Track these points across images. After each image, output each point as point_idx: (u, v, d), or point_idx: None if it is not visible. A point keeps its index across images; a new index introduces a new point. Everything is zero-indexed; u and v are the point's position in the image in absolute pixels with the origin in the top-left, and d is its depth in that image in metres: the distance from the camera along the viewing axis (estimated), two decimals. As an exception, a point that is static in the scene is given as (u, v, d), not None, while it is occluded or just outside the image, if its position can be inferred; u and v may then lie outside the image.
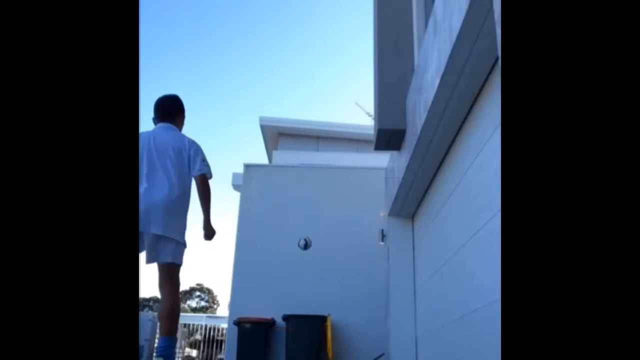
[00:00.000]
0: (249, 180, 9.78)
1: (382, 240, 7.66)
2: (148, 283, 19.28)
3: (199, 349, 13.33)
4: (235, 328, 8.30)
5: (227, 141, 66.61)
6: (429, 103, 4.63)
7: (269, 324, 8.30)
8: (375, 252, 8.43)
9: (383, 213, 7.52)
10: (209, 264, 45.59)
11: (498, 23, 2.36)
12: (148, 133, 3.72)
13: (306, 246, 8.45)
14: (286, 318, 8.17)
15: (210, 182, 3.82)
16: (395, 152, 6.84)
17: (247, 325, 8.15)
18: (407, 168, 5.84)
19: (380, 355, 7.45)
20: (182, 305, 6.16)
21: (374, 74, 6.49)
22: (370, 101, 8.35)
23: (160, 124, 3.85)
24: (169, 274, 3.52)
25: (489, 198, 3.93)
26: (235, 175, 13.44)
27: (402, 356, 6.57)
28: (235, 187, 13.01)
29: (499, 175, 3.40)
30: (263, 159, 19.03)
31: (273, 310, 8.46)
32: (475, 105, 4.53)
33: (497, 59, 3.47)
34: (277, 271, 8.98)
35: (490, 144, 3.99)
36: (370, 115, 12.97)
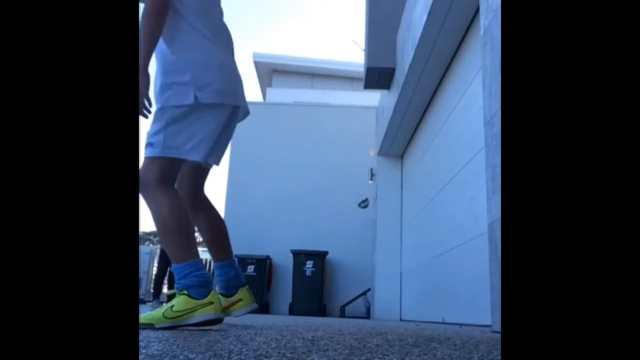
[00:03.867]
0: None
1: (372, 179, 7.73)
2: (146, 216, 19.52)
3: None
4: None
5: (223, 77, 64.82)
6: (417, 40, 4.54)
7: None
8: (365, 191, 8.56)
9: (373, 152, 7.55)
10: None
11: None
12: None
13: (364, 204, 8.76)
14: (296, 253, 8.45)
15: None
16: (385, 92, 6.78)
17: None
18: (396, 107, 5.81)
19: (367, 291, 7.71)
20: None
21: (365, 10, 6.32)
22: (363, 38, 8.15)
23: None
24: None
25: (471, 138, 3.94)
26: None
27: (386, 291, 6.81)
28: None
29: (480, 116, 3.40)
30: (257, 97, 18.82)
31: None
32: (460, 47, 4.46)
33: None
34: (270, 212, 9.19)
35: (472, 86, 3.96)
36: (365, 53, 12.67)
